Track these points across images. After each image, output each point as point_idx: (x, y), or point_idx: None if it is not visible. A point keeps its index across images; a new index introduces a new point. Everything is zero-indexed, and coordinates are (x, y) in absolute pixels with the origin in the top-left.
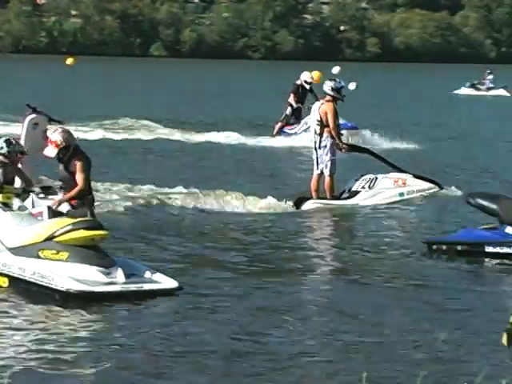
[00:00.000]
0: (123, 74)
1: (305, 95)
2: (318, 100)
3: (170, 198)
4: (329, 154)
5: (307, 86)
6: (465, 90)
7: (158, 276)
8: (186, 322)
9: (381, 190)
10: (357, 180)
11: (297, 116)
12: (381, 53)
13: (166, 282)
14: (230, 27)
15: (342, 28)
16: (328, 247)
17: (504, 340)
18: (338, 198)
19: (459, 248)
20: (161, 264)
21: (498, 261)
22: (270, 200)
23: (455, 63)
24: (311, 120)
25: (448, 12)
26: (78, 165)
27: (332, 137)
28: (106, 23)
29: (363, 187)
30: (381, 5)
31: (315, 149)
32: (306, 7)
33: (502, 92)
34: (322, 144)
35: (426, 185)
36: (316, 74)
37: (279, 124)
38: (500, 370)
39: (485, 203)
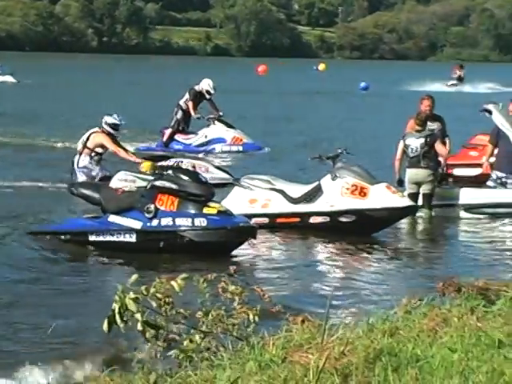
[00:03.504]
0: None
1: (199, 104)
2: (217, 111)
3: None
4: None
5: (208, 96)
6: None
7: None
8: None
9: None
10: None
11: (186, 123)
12: None
13: None
14: None
15: None
16: None
17: (105, 326)
18: None
19: (63, 237)
20: None
21: (101, 250)
22: None
23: (59, 52)
24: (210, 132)
25: (49, 1)
26: None
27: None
28: None
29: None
30: None
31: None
32: None
33: (8, 78)
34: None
35: (225, 175)
36: None
37: (170, 130)
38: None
39: (87, 193)
